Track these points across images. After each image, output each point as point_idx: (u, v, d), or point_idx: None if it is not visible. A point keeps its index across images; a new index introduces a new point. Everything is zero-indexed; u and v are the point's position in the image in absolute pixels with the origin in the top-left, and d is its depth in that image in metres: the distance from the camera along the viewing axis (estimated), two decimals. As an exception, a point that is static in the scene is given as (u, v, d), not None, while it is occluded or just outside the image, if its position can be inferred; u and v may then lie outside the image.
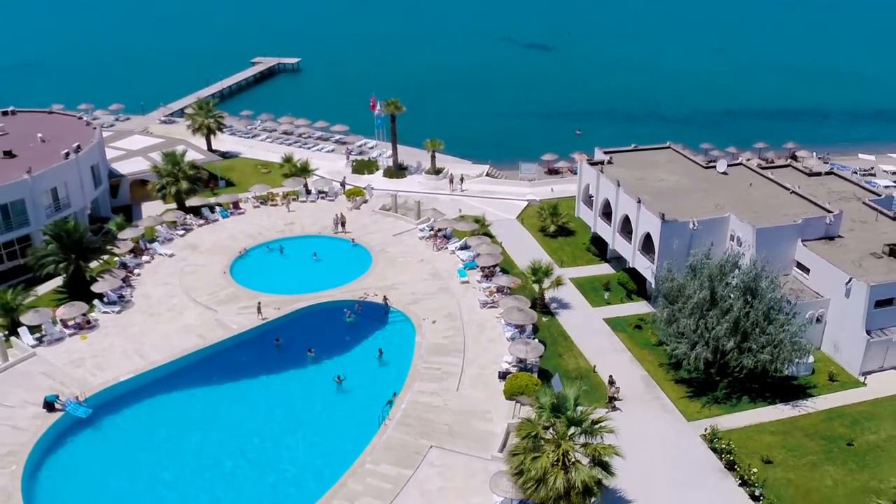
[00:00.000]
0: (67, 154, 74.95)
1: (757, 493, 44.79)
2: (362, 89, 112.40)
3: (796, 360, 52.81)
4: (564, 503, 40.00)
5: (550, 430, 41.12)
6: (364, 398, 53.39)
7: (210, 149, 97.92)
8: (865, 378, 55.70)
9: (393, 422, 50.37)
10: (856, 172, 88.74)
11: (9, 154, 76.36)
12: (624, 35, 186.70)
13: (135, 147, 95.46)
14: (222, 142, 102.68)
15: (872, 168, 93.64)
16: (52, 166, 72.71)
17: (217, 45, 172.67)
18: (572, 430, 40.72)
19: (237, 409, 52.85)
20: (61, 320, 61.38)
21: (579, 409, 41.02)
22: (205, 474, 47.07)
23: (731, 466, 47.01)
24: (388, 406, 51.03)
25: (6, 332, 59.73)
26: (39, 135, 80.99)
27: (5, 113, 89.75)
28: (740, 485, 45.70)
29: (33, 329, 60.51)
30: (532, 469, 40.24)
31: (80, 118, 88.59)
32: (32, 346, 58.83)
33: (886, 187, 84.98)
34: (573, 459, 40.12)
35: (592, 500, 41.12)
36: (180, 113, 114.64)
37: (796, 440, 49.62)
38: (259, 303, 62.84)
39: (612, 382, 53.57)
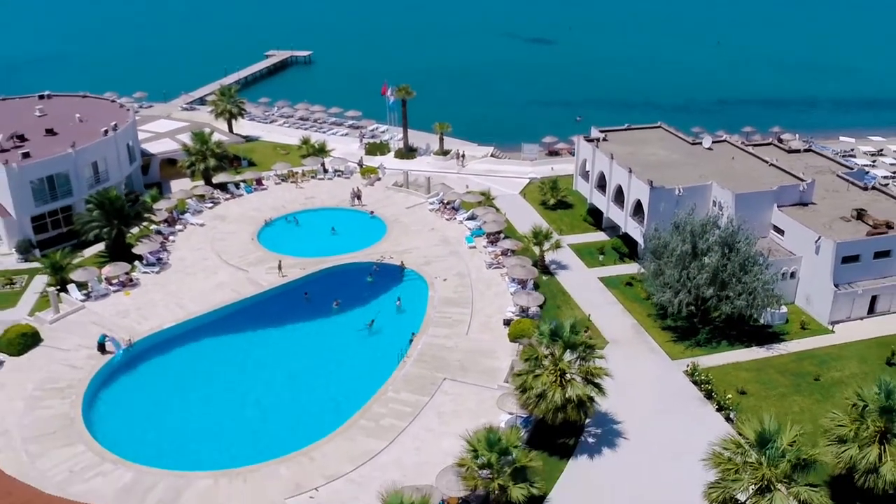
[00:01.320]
0: (106, 132, 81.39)
1: (731, 416, 51.11)
2: (373, 79, 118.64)
3: (769, 307, 59.15)
4: (562, 415, 46.52)
5: (549, 354, 47.53)
6: (385, 340, 59.95)
7: (231, 132, 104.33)
8: (833, 326, 61.99)
9: (411, 359, 56.95)
10: (836, 153, 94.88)
11: (51, 132, 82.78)
12: (624, 30, 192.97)
13: (161, 130, 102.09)
14: (241, 127, 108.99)
15: (853, 149, 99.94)
16: (93, 142, 79.14)
17: (232, 38, 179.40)
18: (568, 353, 47.10)
19: (272, 351, 59.52)
20: (106, 278, 67.96)
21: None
22: (242, 403, 53.51)
23: (709, 396, 53.34)
24: (409, 343, 57.58)
25: (57, 289, 66.04)
26: (77, 115, 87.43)
27: (41, 97, 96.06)
28: (717, 410, 52.02)
29: (81, 286, 67.04)
30: (534, 386, 46.73)
31: (113, 101, 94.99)
32: (81, 301, 65.37)
33: (864, 166, 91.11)
34: (569, 378, 46.56)
35: (587, 419, 47.64)
36: (200, 101, 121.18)
37: (769, 376, 55.90)
38: (280, 261, 69.40)
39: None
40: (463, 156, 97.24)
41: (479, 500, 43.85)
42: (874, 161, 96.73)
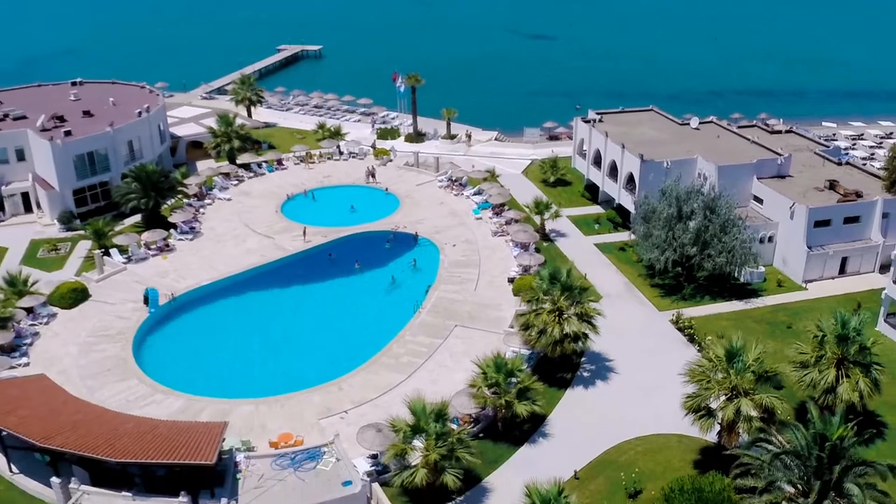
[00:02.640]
0: (140, 113, 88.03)
1: (703, 343, 57.54)
2: (382, 70, 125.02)
3: (746, 264, 65.62)
4: (560, 348, 53.09)
5: (549, 295, 54.06)
6: (402, 295, 66.63)
7: (250, 119, 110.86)
8: (807, 284, 68.46)
9: (425, 310, 63.53)
10: (820, 138, 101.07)
11: (87, 113, 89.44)
12: (622, 27, 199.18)
13: (186, 115, 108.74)
14: (259, 114, 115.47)
15: (834, 134, 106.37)
16: (129, 122, 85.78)
17: (244, 33, 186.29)
18: (566, 293, 53.61)
19: (301, 303, 66.26)
20: (145, 244, 74.59)
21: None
22: (277, 347, 60.07)
23: (691, 339, 59.84)
24: (425, 293, 64.31)
25: (102, 252, 72.59)
26: (111, 99, 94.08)
27: (74, 83, 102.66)
28: (698, 351, 58.42)
29: (122, 250, 73.67)
30: (535, 324, 53.31)
31: (143, 87, 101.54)
32: (123, 263, 71.96)
33: (845, 149, 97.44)
34: (566, 316, 53.08)
35: (583, 358, 54.09)
36: (218, 91, 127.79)
37: (746, 324, 62.29)
38: (304, 228, 75.98)
39: None
40: (469, 136, 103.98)
41: (487, 420, 50.38)
42: (854, 144, 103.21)
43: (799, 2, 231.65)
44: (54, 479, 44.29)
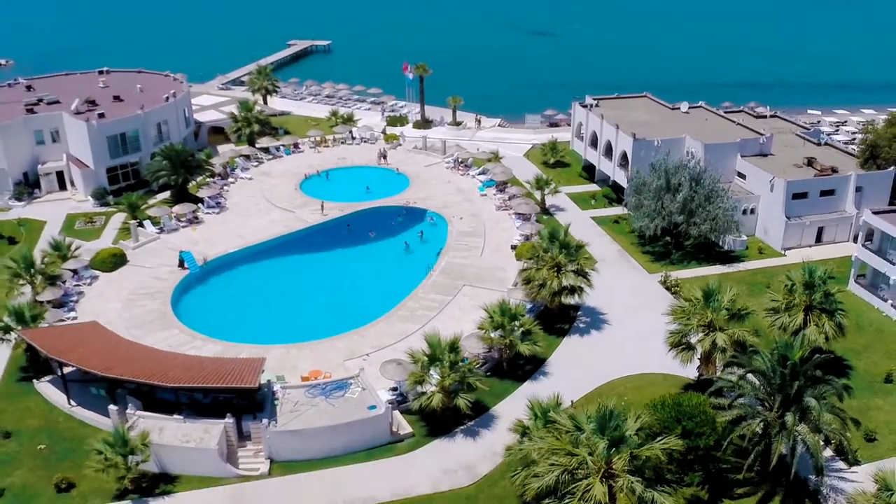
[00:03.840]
0: (167, 98, 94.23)
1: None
2: (389, 63, 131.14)
3: (729, 232, 71.76)
4: (558, 299, 59.24)
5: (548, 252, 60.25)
6: (415, 259, 72.90)
7: (266, 107, 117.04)
8: (786, 251, 74.57)
9: (436, 272, 69.71)
10: (806, 123, 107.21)
11: (118, 98, 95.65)
12: (619, 23, 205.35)
13: (206, 104, 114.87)
14: (274, 103, 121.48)
15: (819, 121, 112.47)
16: (157, 106, 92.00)
17: (255, 28, 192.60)
18: (563, 251, 59.78)
19: (323, 267, 72.48)
20: (176, 216, 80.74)
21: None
22: (301, 304, 66.23)
23: (677, 297, 65.87)
24: (436, 256, 70.59)
25: (136, 223, 78.74)
26: (139, 86, 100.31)
27: (101, 72, 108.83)
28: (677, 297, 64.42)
29: (154, 222, 79.84)
30: (536, 278, 59.49)
31: (167, 75, 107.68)
32: (156, 233, 78.14)
33: (828, 134, 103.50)
34: (564, 270, 59.23)
35: (579, 312, 60.13)
36: (233, 82, 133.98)
37: (727, 285, 68.12)
38: (322, 203, 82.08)
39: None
40: (479, 121, 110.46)
41: (493, 361, 56.54)
42: (837, 129, 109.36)
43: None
44: (112, 407, 50.33)
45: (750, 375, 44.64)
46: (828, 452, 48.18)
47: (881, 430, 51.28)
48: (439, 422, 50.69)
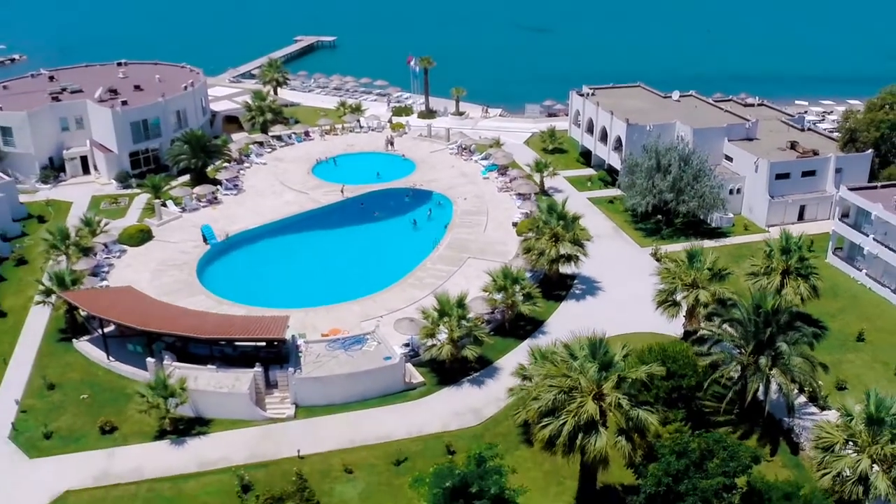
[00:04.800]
0: (186, 87, 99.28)
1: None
2: (393, 58, 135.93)
3: (715, 208, 76.80)
4: (555, 266, 64.29)
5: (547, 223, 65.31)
6: (423, 235, 77.95)
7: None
8: (769, 228, 79.57)
9: (442, 246, 74.79)
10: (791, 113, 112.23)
11: (138, 88, 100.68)
12: (617, 20, 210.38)
13: (219, 94, 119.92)
14: (283, 95, 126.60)
15: (806, 111, 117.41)
16: (177, 94, 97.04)
17: (262, 25, 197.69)
18: (561, 222, 64.85)
19: (338, 242, 77.60)
20: (197, 196, 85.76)
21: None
22: (317, 273, 71.31)
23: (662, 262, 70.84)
24: (444, 229, 75.84)
25: (160, 203, 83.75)
26: (157, 76, 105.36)
27: (119, 64, 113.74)
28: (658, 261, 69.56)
29: (176, 202, 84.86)
30: (536, 247, 64.53)
31: (183, 66, 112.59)
32: (179, 212, 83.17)
33: (814, 122, 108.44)
34: (562, 239, 64.29)
35: (575, 280, 65.11)
36: (243, 75, 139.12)
37: (710, 249, 73.02)
38: (342, 187, 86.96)
39: None
40: (486, 110, 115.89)
41: (496, 322, 61.55)
42: (823, 118, 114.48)
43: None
44: (150, 360, 55.31)
45: (727, 325, 49.62)
46: (802, 399, 53.32)
47: (851, 380, 56.31)
48: (448, 373, 55.75)
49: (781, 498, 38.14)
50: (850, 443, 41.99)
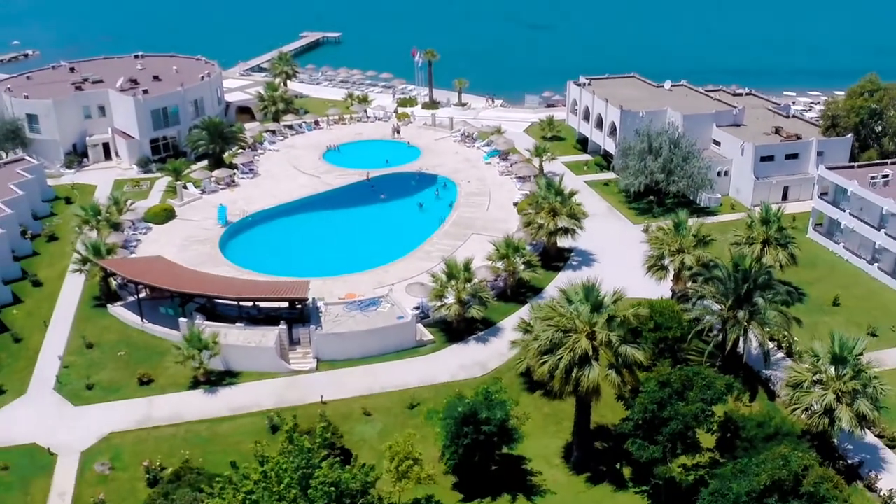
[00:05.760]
0: (203, 77, 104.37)
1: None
2: (398, 52, 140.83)
3: (703, 188, 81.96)
4: (554, 238, 69.41)
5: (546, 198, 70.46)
6: (429, 215, 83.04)
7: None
8: (755, 207, 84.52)
9: (448, 223, 79.93)
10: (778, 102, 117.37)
11: (157, 78, 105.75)
12: (615, 16, 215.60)
13: (232, 86, 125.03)
14: (292, 87, 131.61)
15: (794, 101, 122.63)
16: (195, 84, 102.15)
17: (267, 21, 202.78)
18: (559, 197, 70.00)
19: (349, 220, 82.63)
20: (215, 179, 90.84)
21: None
22: (331, 248, 76.42)
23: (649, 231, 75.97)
24: (449, 207, 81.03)
25: (182, 185, 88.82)
26: (174, 67, 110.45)
27: (136, 56, 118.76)
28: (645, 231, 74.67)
29: (196, 184, 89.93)
30: (535, 220, 69.62)
31: (199, 59, 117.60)
32: (199, 194, 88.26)
33: (801, 111, 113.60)
34: (559, 213, 69.42)
35: (571, 252, 70.20)
36: (253, 69, 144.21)
37: (704, 231, 78.38)
38: (368, 172, 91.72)
39: None
40: (492, 98, 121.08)
41: (499, 289, 66.63)
42: (810, 108, 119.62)
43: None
44: (182, 320, 60.36)
45: (709, 284, 54.73)
46: (780, 355, 58.47)
47: (826, 339, 61.27)
48: (455, 332, 60.90)
49: (755, 426, 43.22)
50: (818, 383, 47.04)
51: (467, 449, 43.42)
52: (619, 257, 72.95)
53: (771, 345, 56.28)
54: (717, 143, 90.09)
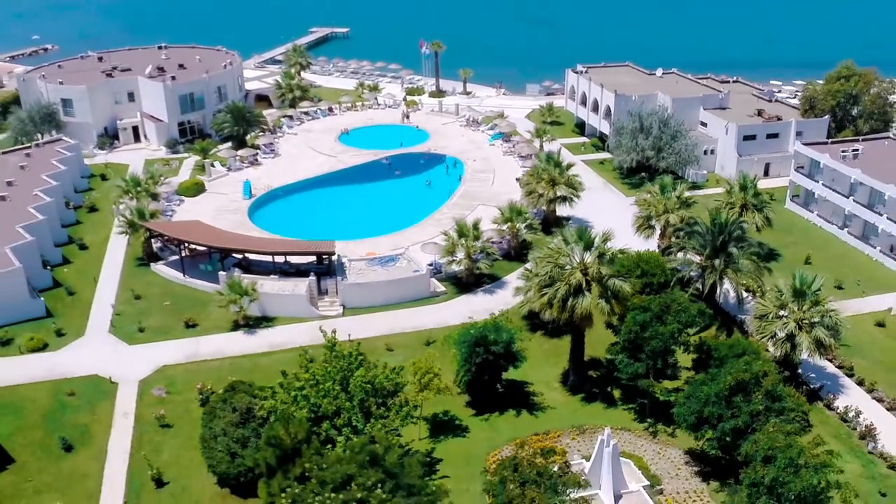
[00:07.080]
0: (225, 66, 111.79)
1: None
2: (405, 45, 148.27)
3: (690, 164, 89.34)
4: (553, 205, 76.79)
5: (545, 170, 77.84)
6: (439, 189, 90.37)
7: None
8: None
9: (456, 196, 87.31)
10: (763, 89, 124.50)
11: (182, 66, 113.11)
12: (612, 12, 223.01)
13: (249, 76, 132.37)
14: (305, 77, 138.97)
15: (780, 90, 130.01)
16: (218, 72, 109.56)
17: (278, 16, 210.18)
18: (557, 168, 77.37)
19: (366, 193, 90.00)
20: (240, 158, 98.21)
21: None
22: (350, 215, 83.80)
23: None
24: (458, 180, 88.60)
25: (210, 163, 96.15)
26: (197, 57, 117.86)
27: (160, 47, 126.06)
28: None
29: (222, 163, 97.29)
30: (536, 189, 76.98)
31: (219, 49, 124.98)
32: (225, 172, 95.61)
33: (786, 97, 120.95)
34: (558, 183, 76.78)
35: (569, 220, 77.57)
36: (267, 61, 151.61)
37: (686, 195, 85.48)
38: (387, 156, 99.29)
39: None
40: (501, 84, 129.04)
41: (503, 250, 73.93)
42: (795, 96, 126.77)
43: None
44: (222, 273, 67.63)
45: (690, 239, 62.06)
46: (753, 302, 65.69)
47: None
48: (465, 286, 68.28)
49: (726, 347, 50.53)
50: (782, 316, 54.33)
51: (479, 367, 50.70)
52: (612, 223, 78.80)
53: (746, 294, 63.48)
54: (703, 124, 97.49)
